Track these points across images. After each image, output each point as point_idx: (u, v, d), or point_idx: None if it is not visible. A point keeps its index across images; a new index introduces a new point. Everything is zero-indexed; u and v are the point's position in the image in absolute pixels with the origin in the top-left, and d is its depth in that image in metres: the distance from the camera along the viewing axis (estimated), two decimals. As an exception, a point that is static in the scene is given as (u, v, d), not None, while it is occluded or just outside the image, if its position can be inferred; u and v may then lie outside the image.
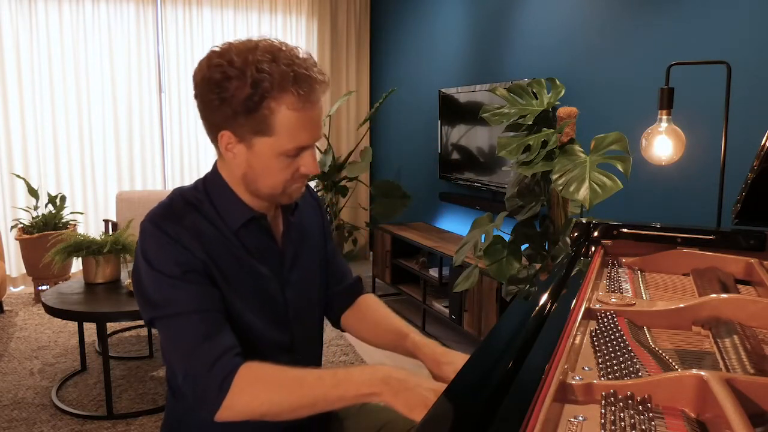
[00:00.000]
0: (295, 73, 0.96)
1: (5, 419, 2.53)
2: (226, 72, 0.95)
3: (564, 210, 2.23)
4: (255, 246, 1.09)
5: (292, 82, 0.95)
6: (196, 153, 5.00)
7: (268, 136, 0.98)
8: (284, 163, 1.01)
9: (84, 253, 2.79)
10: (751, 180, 1.27)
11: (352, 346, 3.34)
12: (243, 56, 0.96)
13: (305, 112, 0.98)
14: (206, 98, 0.99)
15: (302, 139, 1.00)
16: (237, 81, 0.95)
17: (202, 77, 0.99)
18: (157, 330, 1.02)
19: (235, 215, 1.07)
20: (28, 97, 4.45)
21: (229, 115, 0.97)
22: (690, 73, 2.33)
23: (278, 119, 0.97)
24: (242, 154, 1.02)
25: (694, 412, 0.67)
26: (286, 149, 1.00)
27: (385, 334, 1.22)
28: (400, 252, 4.14)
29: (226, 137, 1.01)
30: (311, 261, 1.21)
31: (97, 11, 4.57)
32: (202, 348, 0.96)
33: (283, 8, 5.13)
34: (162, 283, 0.99)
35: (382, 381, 0.90)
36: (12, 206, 4.45)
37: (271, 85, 0.94)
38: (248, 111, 0.96)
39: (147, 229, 1.02)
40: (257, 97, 0.95)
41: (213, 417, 0.95)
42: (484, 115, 2.32)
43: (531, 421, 0.59)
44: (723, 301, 0.96)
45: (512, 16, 3.55)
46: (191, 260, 1.00)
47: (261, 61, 0.95)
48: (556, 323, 0.87)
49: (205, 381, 0.95)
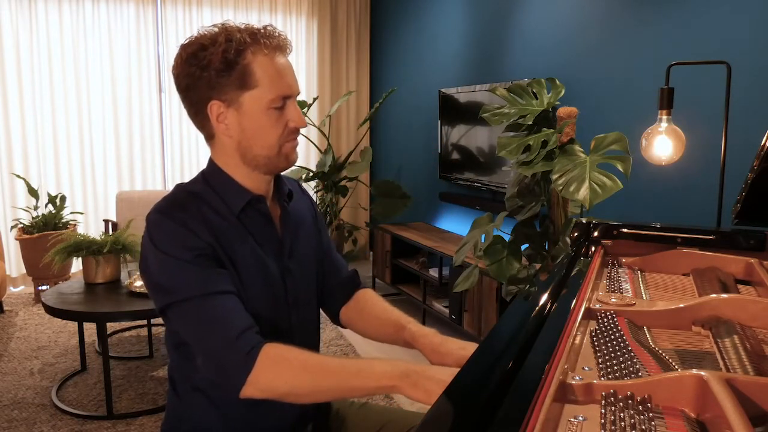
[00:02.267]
0: (259, 31, 1.06)
1: (5, 419, 2.53)
2: (200, 43, 1.03)
3: (564, 210, 2.23)
4: (257, 231, 1.12)
5: (260, 35, 1.05)
6: (196, 153, 5.00)
7: (253, 88, 1.04)
8: (273, 117, 1.06)
9: (84, 253, 2.79)
10: (751, 180, 1.27)
11: (352, 346, 3.34)
12: (211, 31, 1.05)
13: (279, 59, 1.06)
14: (188, 74, 1.04)
15: (283, 87, 1.06)
16: (212, 47, 1.02)
17: (180, 61, 1.06)
18: (171, 318, 1.03)
19: (235, 199, 1.11)
20: (28, 97, 4.45)
21: (212, 80, 1.03)
22: (690, 73, 2.33)
23: (257, 68, 1.03)
24: (233, 120, 1.06)
25: (694, 412, 0.67)
26: (271, 99, 1.05)
27: (383, 326, 1.23)
28: (400, 252, 4.14)
29: (215, 107, 1.05)
30: (307, 250, 1.23)
31: (97, 11, 4.57)
32: (222, 326, 0.98)
33: (283, 8, 5.13)
34: (173, 268, 1.01)
35: (402, 374, 0.92)
36: (12, 206, 4.45)
37: (242, 39, 1.03)
38: (228, 66, 1.02)
39: (154, 219, 1.05)
40: (233, 51, 1.02)
41: (238, 393, 0.96)
42: (484, 115, 2.32)
43: (531, 421, 0.59)
44: (723, 301, 0.96)
45: (512, 16, 3.55)
46: (199, 244, 1.02)
47: (230, 25, 1.06)
48: (556, 323, 0.87)
49: (228, 356, 0.96)
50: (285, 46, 1.08)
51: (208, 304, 0.99)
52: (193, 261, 1.01)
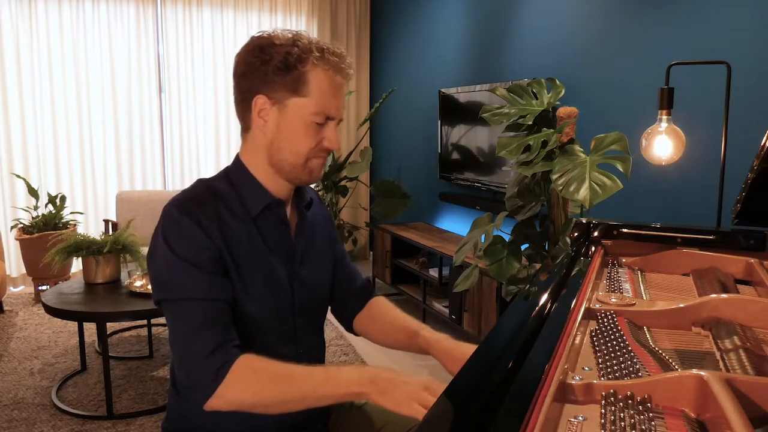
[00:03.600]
0: (328, 48, 1.07)
1: (5, 419, 2.53)
2: (272, 40, 1.06)
3: (564, 210, 2.23)
4: (271, 236, 1.13)
5: (327, 51, 1.06)
6: (196, 153, 5.00)
7: (302, 96, 1.05)
8: (311, 131, 1.07)
9: (84, 253, 2.79)
10: (751, 180, 1.27)
11: (352, 346, 3.34)
12: (283, 32, 1.08)
13: (336, 79, 1.08)
14: (246, 66, 1.07)
15: (331, 107, 1.07)
16: (278, 46, 1.04)
17: (246, 49, 1.08)
18: (164, 311, 1.05)
19: (255, 200, 1.11)
20: (28, 97, 4.45)
21: (267, 76, 1.05)
22: (690, 73, 2.33)
23: (313, 79, 1.05)
24: (274, 118, 1.07)
25: (694, 412, 0.67)
26: (316, 112, 1.06)
27: (397, 333, 1.25)
28: (400, 252, 4.14)
29: (260, 101, 1.07)
30: (320, 258, 1.24)
31: (97, 11, 4.57)
32: (203, 335, 0.99)
33: (283, 8, 5.13)
34: (177, 267, 1.02)
35: (370, 381, 0.94)
36: (12, 206, 4.45)
37: (309, 48, 1.05)
38: (287, 68, 1.04)
39: (170, 213, 1.06)
40: (296, 55, 1.04)
41: (203, 404, 0.98)
42: (484, 115, 2.32)
43: (531, 421, 0.59)
44: (723, 302, 0.96)
45: (512, 16, 3.55)
46: (209, 246, 1.03)
47: (305, 36, 1.08)
48: (556, 323, 0.87)
49: (201, 368, 0.98)
50: (346, 71, 1.09)
51: (196, 308, 1.01)
52: (196, 264, 1.02)
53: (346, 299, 1.32)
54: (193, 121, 4.94)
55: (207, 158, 5.03)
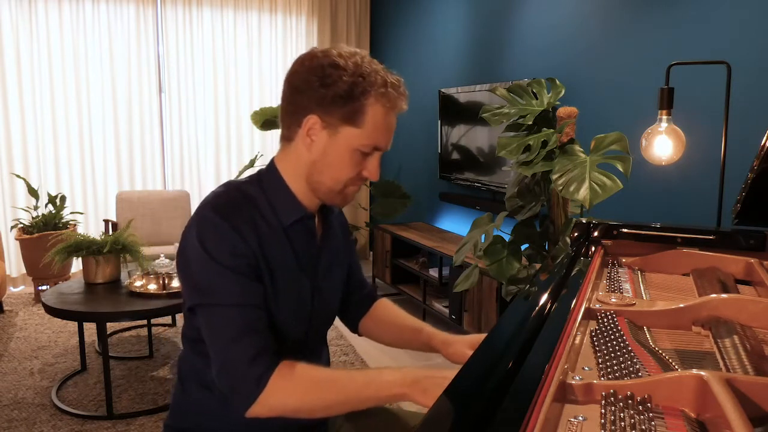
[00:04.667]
0: (392, 82, 1.05)
1: (5, 419, 2.53)
2: (335, 61, 1.02)
3: (564, 210, 2.23)
4: (299, 247, 1.12)
5: (390, 87, 1.04)
6: (196, 153, 5.00)
7: (356, 127, 1.03)
8: (356, 160, 1.06)
9: (84, 253, 2.79)
10: (751, 180, 1.27)
11: (352, 346, 3.34)
12: (350, 55, 1.04)
13: (391, 116, 1.06)
14: (304, 82, 1.03)
15: (381, 141, 1.06)
16: (344, 71, 1.01)
17: (308, 64, 1.04)
18: (198, 317, 1.04)
19: (288, 211, 1.10)
20: (28, 97, 4.45)
21: (325, 100, 1.02)
22: (690, 73, 2.33)
23: (371, 113, 1.03)
24: (322, 141, 1.05)
25: (694, 412, 0.67)
26: (365, 144, 1.05)
27: (401, 333, 1.28)
28: (400, 252, 4.14)
29: (312, 121, 1.04)
30: (338, 271, 1.25)
31: (97, 11, 4.57)
32: (242, 342, 0.98)
33: (283, 8, 5.13)
34: (213, 271, 1.00)
35: (413, 381, 0.95)
36: (12, 206, 4.45)
37: (375, 82, 1.02)
38: (348, 98, 1.01)
39: (207, 216, 1.03)
40: (361, 88, 1.01)
41: (244, 412, 0.97)
42: (484, 115, 2.32)
43: (531, 421, 0.59)
44: (723, 301, 0.96)
45: (512, 16, 3.55)
46: (247, 252, 1.02)
47: (367, 62, 1.04)
48: (556, 323, 0.87)
49: (242, 375, 0.97)
50: (404, 107, 1.08)
51: (235, 314, 1.00)
52: (234, 269, 1.01)
53: (354, 305, 1.35)
54: (193, 121, 4.94)
55: (207, 158, 5.03)
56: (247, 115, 4.53)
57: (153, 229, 4.34)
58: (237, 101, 5.04)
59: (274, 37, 5.12)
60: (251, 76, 5.05)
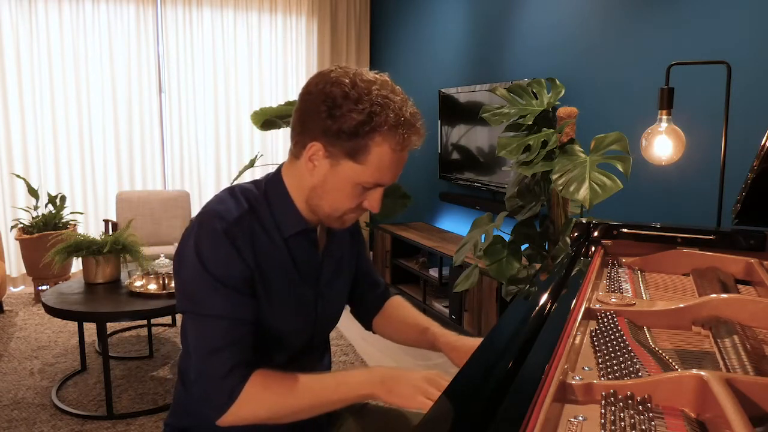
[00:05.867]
0: (406, 120, 1.00)
1: (5, 419, 2.53)
2: (347, 92, 0.97)
3: (564, 210, 2.23)
4: (300, 258, 1.12)
5: (402, 126, 0.99)
6: (196, 153, 5.00)
7: (358, 164, 1.00)
8: (356, 192, 1.04)
9: (84, 253, 2.79)
10: (751, 180, 1.27)
11: (352, 346, 3.34)
12: (366, 85, 0.98)
13: (399, 155, 1.02)
14: (314, 107, 0.99)
15: (385, 178, 1.03)
16: (354, 104, 0.97)
17: (320, 88, 0.99)
18: (185, 321, 1.05)
19: (289, 224, 1.09)
20: (28, 97, 4.45)
21: (331, 131, 0.98)
22: (690, 73, 2.33)
23: (376, 152, 0.99)
24: (323, 168, 1.03)
25: (694, 412, 0.67)
26: (366, 181, 1.02)
27: (409, 331, 1.28)
28: (400, 252, 4.15)
29: (315, 148, 1.01)
30: (343, 276, 1.25)
31: (97, 11, 4.57)
32: (221, 355, 0.99)
33: (283, 8, 5.13)
34: (206, 282, 1.00)
35: (379, 381, 0.98)
36: (12, 206, 4.45)
37: (385, 122, 0.97)
38: (353, 135, 0.97)
39: (207, 225, 1.02)
40: (368, 127, 0.97)
41: (216, 421, 1.00)
42: (484, 115, 2.32)
43: (531, 421, 0.59)
44: (723, 301, 0.96)
45: (512, 16, 3.55)
46: (241, 266, 1.02)
47: (382, 96, 0.98)
48: (556, 323, 0.87)
49: (216, 387, 0.99)
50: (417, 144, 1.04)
51: (220, 327, 1.00)
52: (226, 282, 1.01)
53: (368, 304, 1.36)
54: (193, 121, 4.93)
55: (207, 158, 5.03)
56: (247, 115, 4.52)
57: (153, 229, 4.34)
58: (237, 101, 5.04)
59: (274, 37, 5.12)
60: (251, 76, 5.05)
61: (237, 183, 1.15)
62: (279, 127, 3.43)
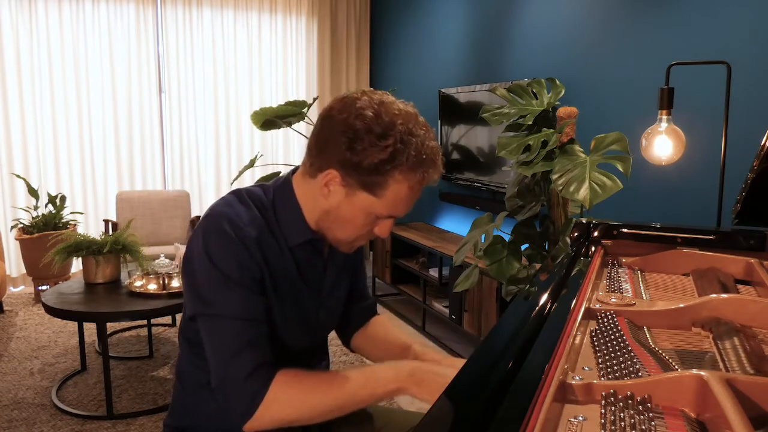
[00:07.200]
0: (427, 158, 0.99)
1: (5, 419, 2.53)
2: (370, 126, 0.95)
3: (564, 210, 2.23)
4: (304, 266, 1.11)
5: (422, 165, 0.98)
6: (196, 153, 5.00)
7: (374, 197, 1.00)
8: (368, 221, 1.04)
9: (84, 253, 2.79)
10: (751, 180, 1.27)
11: (352, 346, 3.34)
12: (391, 118, 0.96)
13: (417, 192, 1.02)
14: (334, 135, 0.98)
15: (399, 211, 1.03)
16: (376, 139, 0.95)
17: (344, 117, 0.97)
18: (200, 326, 1.03)
19: (295, 233, 1.08)
20: (28, 97, 4.45)
21: (350, 163, 0.97)
22: (690, 73, 2.33)
23: (393, 188, 0.99)
24: (338, 196, 1.02)
25: (694, 412, 0.67)
26: (380, 213, 1.02)
27: (391, 349, 1.25)
28: (400, 252, 4.14)
29: (331, 176, 1.00)
30: (344, 285, 1.25)
31: (97, 11, 4.57)
32: (241, 357, 0.97)
33: (283, 8, 5.13)
34: (218, 282, 0.99)
35: (408, 374, 0.96)
36: (12, 206, 4.45)
37: (406, 161, 0.96)
38: (373, 171, 0.96)
39: (216, 226, 1.01)
40: (389, 166, 0.96)
41: (242, 426, 0.97)
42: (484, 115, 2.32)
43: (531, 421, 0.59)
44: (723, 302, 0.96)
45: (512, 16, 3.55)
46: (252, 266, 1.01)
47: (406, 133, 0.96)
48: (556, 323, 0.87)
49: (239, 391, 0.96)
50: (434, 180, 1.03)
51: (236, 328, 0.99)
52: (238, 281, 0.99)
53: (350, 317, 1.33)
54: (193, 121, 4.94)
55: (207, 158, 5.03)
56: (247, 115, 4.52)
57: (153, 229, 4.34)
58: (237, 101, 5.04)
59: (274, 37, 5.12)
60: (251, 76, 5.05)
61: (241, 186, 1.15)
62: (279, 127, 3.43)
